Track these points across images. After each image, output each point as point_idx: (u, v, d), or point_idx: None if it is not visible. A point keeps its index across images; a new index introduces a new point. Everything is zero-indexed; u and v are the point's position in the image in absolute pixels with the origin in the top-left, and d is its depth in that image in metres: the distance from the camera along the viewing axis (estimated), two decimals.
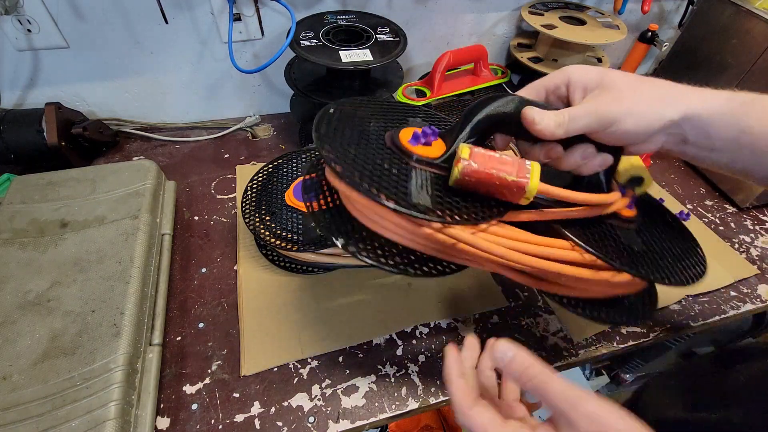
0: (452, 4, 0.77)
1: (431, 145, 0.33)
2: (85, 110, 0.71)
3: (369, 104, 0.38)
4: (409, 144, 0.32)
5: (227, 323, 0.49)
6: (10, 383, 0.37)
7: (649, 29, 0.87)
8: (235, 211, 0.62)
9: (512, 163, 0.29)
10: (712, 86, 0.33)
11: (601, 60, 0.81)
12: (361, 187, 0.28)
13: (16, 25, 0.59)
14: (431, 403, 0.44)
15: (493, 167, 0.29)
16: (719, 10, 0.71)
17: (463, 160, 0.29)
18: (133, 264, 0.47)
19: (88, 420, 0.36)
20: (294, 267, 0.54)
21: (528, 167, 0.29)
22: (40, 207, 0.52)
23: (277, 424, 0.42)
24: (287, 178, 0.57)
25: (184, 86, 0.74)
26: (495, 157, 0.29)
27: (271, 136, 0.77)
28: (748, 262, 0.60)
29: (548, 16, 0.76)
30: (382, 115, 0.37)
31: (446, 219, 0.29)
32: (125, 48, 0.66)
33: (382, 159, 0.31)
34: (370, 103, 0.39)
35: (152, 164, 0.59)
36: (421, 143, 0.32)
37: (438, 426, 0.98)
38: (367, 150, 0.32)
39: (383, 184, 0.29)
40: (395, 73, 0.70)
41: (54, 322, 0.41)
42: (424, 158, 0.32)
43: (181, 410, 0.42)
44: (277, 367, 0.46)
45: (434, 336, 0.50)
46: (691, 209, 0.68)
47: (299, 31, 0.63)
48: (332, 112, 0.35)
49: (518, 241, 0.30)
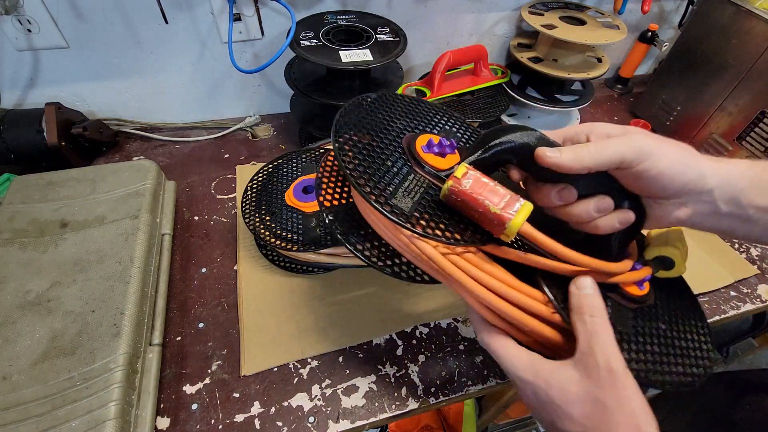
0: (452, 4, 0.77)
1: (445, 157, 0.32)
2: (85, 110, 0.71)
3: (405, 103, 0.39)
4: (421, 149, 0.32)
5: (227, 323, 0.49)
6: (10, 383, 0.37)
7: (649, 29, 0.87)
8: (235, 211, 0.62)
9: (502, 196, 0.27)
10: (712, 86, 0.32)
11: (601, 60, 0.81)
12: (351, 172, 0.29)
13: (16, 25, 0.59)
14: (431, 403, 0.44)
15: (481, 194, 0.28)
16: (719, 10, 0.71)
17: (454, 178, 0.28)
18: (133, 264, 0.47)
19: (88, 420, 0.36)
20: (294, 267, 0.54)
21: (518, 205, 0.27)
22: (40, 207, 0.52)
23: (277, 424, 0.42)
24: (287, 178, 0.57)
25: (184, 86, 0.74)
26: (489, 185, 0.28)
27: (271, 136, 0.77)
28: (748, 262, 0.60)
29: (548, 16, 0.76)
30: (413, 116, 0.38)
31: (415, 229, 0.28)
32: (125, 48, 0.66)
33: (388, 156, 0.32)
34: (408, 101, 0.39)
35: (152, 164, 0.59)
36: (433, 152, 0.32)
37: (438, 426, 0.98)
38: (380, 142, 0.32)
39: (374, 177, 0.29)
40: (395, 73, 0.70)
41: (54, 322, 0.41)
42: (427, 166, 0.32)
43: (181, 410, 0.42)
44: (277, 367, 0.46)
45: (434, 336, 0.50)
46: None
47: (299, 31, 0.63)
48: (370, 101, 0.36)
49: (490, 276, 0.29)
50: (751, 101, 0.68)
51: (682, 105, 0.80)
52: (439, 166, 0.32)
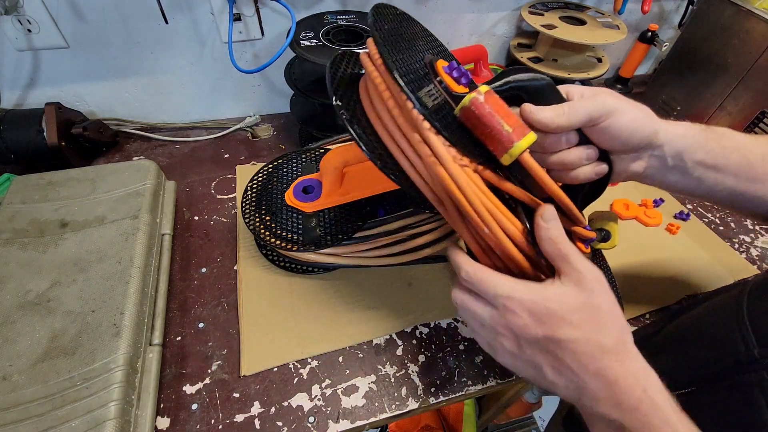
0: (452, 4, 0.77)
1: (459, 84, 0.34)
2: (85, 110, 0.71)
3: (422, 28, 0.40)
4: (443, 69, 0.34)
5: (227, 323, 0.49)
6: (10, 383, 0.37)
7: (649, 29, 0.87)
8: (235, 211, 0.62)
9: (515, 122, 0.30)
10: (712, 86, 0.34)
11: (601, 60, 0.81)
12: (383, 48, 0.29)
13: (16, 25, 0.59)
14: (431, 403, 0.44)
15: (498, 112, 0.29)
16: (719, 10, 0.71)
17: (478, 93, 0.30)
18: (133, 264, 0.47)
19: (88, 420, 0.36)
20: (294, 267, 0.54)
21: (526, 132, 0.30)
22: (40, 207, 0.52)
23: (277, 424, 0.42)
24: (287, 178, 0.57)
25: (184, 86, 0.74)
26: (505, 107, 0.30)
27: (271, 136, 0.77)
28: (748, 262, 0.60)
29: (548, 16, 0.76)
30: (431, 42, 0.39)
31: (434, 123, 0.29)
32: (125, 48, 0.66)
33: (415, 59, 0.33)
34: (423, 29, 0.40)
35: (152, 164, 0.59)
36: (453, 76, 0.34)
37: (438, 426, 0.98)
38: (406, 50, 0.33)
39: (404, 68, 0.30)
40: None
41: (54, 322, 0.41)
42: (446, 84, 0.33)
43: (181, 410, 0.42)
44: (277, 367, 0.46)
45: (434, 336, 0.50)
46: (691, 209, 0.68)
47: (299, 31, 0.63)
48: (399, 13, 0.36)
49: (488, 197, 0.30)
50: (751, 101, 0.69)
51: (682, 105, 0.80)
52: (455, 89, 0.33)
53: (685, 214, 0.66)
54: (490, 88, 0.31)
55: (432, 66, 0.34)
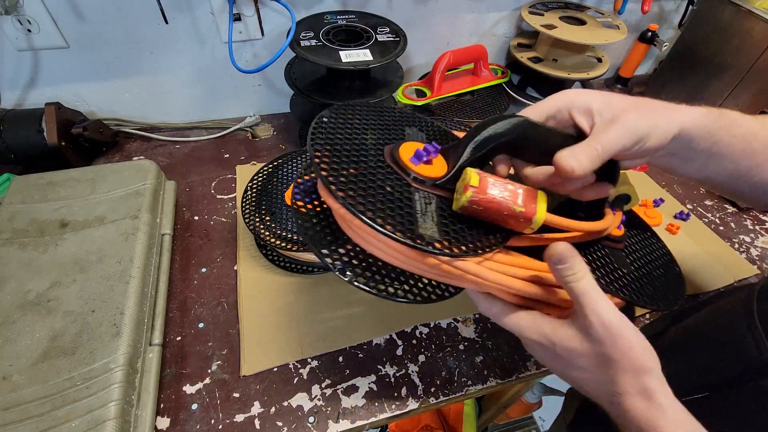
0: (452, 4, 0.77)
1: (432, 163, 0.31)
2: (85, 110, 0.71)
3: (364, 111, 0.36)
4: (411, 162, 0.31)
5: (227, 323, 0.49)
6: (10, 383, 0.37)
7: (649, 29, 0.87)
8: (235, 211, 0.62)
9: (517, 192, 0.28)
10: (712, 86, 0.33)
11: (601, 60, 0.81)
12: (364, 216, 0.26)
13: (16, 25, 0.59)
14: (431, 403, 0.44)
15: (502, 196, 0.27)
16: (719, 10, 0.71)
17: (472, 188, 0.27)
18: (133, 264, 0.47)
19: (88, 420, 0.36)
20: (294, 267, 0.54)
21: (536, 197, 0.28)
22: (40, 207, 0.52)
23: (277, 424, 0.42)
24: (287, 178, 0.57)
25: (184, 86, 0.74)
26: (503, 185, 0.28)
27: (271, 136, 0.77)
28: (748, 262, 0.60)
29: (548, 16, 0.76)
30: (379, 124, 0.36)
31: (454, 251, 0.27)
32: (125, 48, 0.66)
33: (383, 180, 0.30)
34: (364, 110, 0.37)
35: (152, 164, 0.59)
36: (423, 161, 0.31)
37: (438, 426, 0.98)
38: (366, 168, 0.30)
39: (387, 212, 0.27)
40: (395, 73, 0.70)
41: (54, 322, 0.41)
42: (426, 179, 0.30)
43: (181, 410, 0.42)
44: (277, 367, 0.46)
45: (434, 336, 0.50)
46: (691, 209, 0.68)
47: (299, 31, 0.63)
48: (326, 122, 0.33)
49: (520, 268, 0.30)
50: (751, 101, 0.69)
51: None
52: (433, 175, 0.31)
53: (685, 214, 0.66)
54: (478, 172, 0.28)
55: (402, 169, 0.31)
